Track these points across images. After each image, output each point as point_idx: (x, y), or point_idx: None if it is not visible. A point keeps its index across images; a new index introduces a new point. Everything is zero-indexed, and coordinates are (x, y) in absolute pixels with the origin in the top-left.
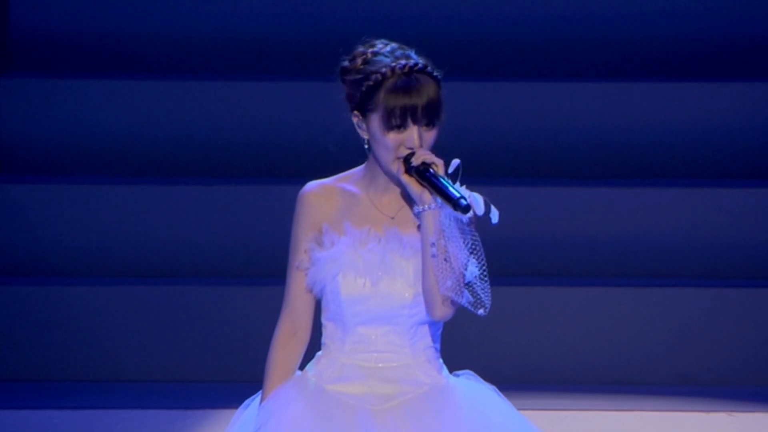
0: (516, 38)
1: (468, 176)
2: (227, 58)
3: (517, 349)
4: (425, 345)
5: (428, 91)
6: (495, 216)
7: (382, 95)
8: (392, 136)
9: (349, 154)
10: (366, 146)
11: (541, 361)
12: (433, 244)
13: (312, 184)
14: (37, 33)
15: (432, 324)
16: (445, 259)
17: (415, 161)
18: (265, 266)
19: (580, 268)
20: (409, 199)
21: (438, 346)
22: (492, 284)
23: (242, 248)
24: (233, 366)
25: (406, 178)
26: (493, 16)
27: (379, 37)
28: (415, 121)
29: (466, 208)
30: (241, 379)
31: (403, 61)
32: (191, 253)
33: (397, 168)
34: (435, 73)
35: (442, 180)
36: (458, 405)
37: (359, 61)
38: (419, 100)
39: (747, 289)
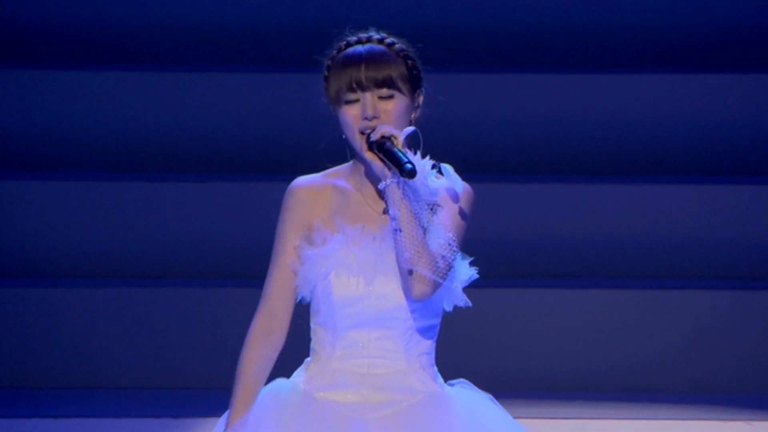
0: (514, 30)
1: (469, 174)
2: (218, 50)
3: (521, 354)
4: (420, 351)
5: (375, 57)
6: (459, 186)
7: (333, 72)
8: (347, 110)
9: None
10: (343, 136)
11: (548, 367)
12: (393, 218)
13: (302, 179)
14: (22, 23)
15: (428, 330)
16: (400, 230)
17: (374, 136)
18: (259, 267)
19: (588, 268)
20: (376, 178)
21: (433, 354)
22: (495, 286)
23: (234, 248)
24: (221, 373)
25: (369, 156)
26: (491, 8)
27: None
28: (362, 89)
29: (411, 173)
30: (229, 386)
31: (356, 36)
32: (180, 253)
33: (360, 145)
34: (396, 45)
35: (395, 150)
36: (454, 414)
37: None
38: (362, 66)
39: (766, 290)
